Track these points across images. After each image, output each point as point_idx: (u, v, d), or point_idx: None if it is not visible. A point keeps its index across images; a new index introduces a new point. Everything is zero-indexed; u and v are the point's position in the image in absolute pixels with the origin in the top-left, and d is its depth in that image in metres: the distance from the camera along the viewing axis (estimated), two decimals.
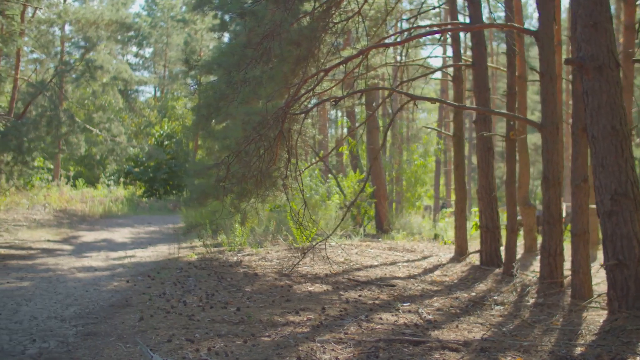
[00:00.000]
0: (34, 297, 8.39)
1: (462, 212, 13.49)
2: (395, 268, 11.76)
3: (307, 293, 8.96)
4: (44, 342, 6.08)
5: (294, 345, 6.09)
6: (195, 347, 5.97)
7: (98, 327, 6.80)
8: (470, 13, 12.10)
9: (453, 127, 13.62)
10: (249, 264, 11.55)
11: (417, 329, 7.00)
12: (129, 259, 12.63)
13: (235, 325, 6.89)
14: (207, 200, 10.59)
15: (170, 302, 8.17)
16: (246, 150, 10.06)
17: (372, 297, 8.80)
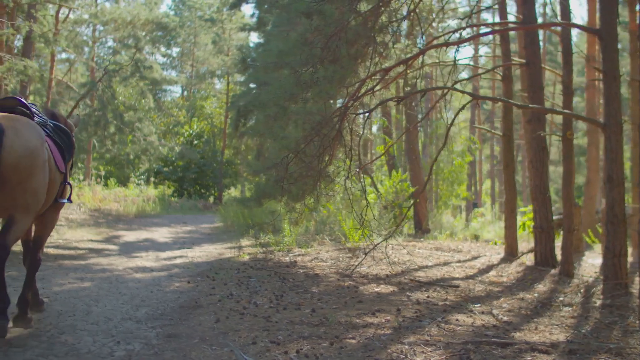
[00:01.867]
0: (100, 297, 8.33)
1: (512, 212, 13.40)
2: (450, 268, 11.68)
3: (375, 294, 8.88)
4: (128, 344, 6.02)
5: (381, 347, 6.02)
6: (283, 349, 5.90)
7: (176, 328, 6.74)
8: (523, 12, 12.00)
9: (502, 126, 13.54)
10: (305, 265, 11.50)
11: (497, 331, 6.92)
12: (180, 259, 12.61)
13: (315, 327, 6.82)
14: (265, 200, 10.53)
15: (240, 303, 8.11)
16: (304, 150, 10.02)
17: (440, 298, 8.72)
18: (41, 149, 6.01)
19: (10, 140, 5.62)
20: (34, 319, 6.64)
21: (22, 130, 5.88)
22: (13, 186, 5.75)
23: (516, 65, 13.15)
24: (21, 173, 5.74)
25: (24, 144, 5.77)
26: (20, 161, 5.69)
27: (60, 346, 5.82)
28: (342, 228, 14.28)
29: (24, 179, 5.79)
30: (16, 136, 5.73)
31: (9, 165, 5.61)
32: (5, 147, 5.55)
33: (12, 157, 5.62)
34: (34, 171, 5.89)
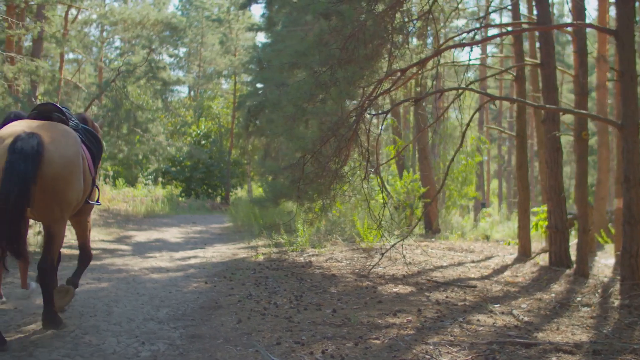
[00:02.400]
0: (119, 298, 8.35)
1: (526, 212, 13.39)
2: (464, 269, 11.67)
3: (394, 294, 8.88)
4: (153, 345, 6.04)
5: (406, 347, 6.02)
6: (308, 350, 5.91)
7: (199, 329, 6.76)
8: (538, 12, 11.97)
9: (516, 126, 13.51)
10: (320, 265, 11.50)
11: (519, 331, 6.91)
12: (194, 259, 12.64)
13: (338, 328, 6.82)
14: (281, 200, 10.55)
15: (260, 303, 8.12)
16: (320, 151, 10.02)
17: (459, 299, 8.71)
18: (78, 157, 6.24)
19: (49, 153, 5.80)
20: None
21: (60, 139, 6.08)
22: (51, 196, 5.93)
23: (530, 65, 13.12)
24: (60, 183, 5.95)
25: (63, 154, 5.98)
26: (59, 172, 5.91)
27: (85, 347, 5.84)
28: (357, 228, 14.27)
29: (62, 189, 6.01)
30: (54, 147, 5.91)
31: (49, 177, 5.80)
32: (44, 159, 5.72)
33: (52, 169, 5.81)
34: (72, 180, 6.12)
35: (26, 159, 5.60)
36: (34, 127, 6.06)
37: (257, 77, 34.40)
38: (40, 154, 5.70)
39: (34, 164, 5.63)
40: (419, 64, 9.79)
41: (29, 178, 5.59)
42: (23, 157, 5.59)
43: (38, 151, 5.69)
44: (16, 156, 5.59)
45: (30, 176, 5.60)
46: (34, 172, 5.62)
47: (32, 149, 5.66)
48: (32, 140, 5.73)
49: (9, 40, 20.24)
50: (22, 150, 5.62)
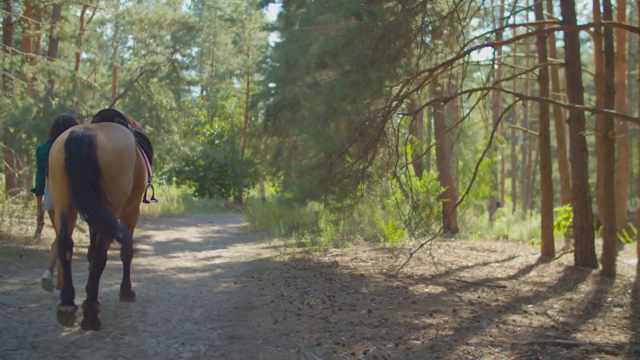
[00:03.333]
0: (151, 298, 8.35)
1: (549, 212, 13.36)
2: (490, 268, 11.64)
3: (426, 295, 8.86)
4: (193, 346, 6.02)
5: (447, 348, 6.01)
6: (349, 350, 5.89)
7: (237, 330, 6.74)
8: (563, 12, 11.96)
9: (539, 126, 13.49)
10: (347, 265, 11.49)
11: (557, 332, 6.89)
12: (218, 259, 12.65)
13: (376, 328, 6.80)
14: (308, 200, 10.55)
15: (293, 304, 8.11)
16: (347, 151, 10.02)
17: (491, 299, 8.69)
18: (131, 150, 6.69)
19: (102, 142, 6.28)
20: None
21: (114, 134, 6.61)
22: (106, 183, 6.29)
23: (555, 65, 13.09)
24: (113, 171, 6.36)
25: (115, 145, 6.45)
26: (112, 160, 6.34)
27: (126, 347, 5.83)
28: (381, 228, 14.25)
29: (114, 176, 6.40)
30: (108, 139, 6.41)
31: (103, 163, 6.22)
32: (98, 147, 6.20)
33: (105, 156, 6.24)
34: (124, 169, 6.55)
35: (81, 144, 6.09)
36: (89, 125, 6.65)
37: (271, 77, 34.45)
38: (93, 142, 6.17)
39: (90, 148, 6.11)
40: (447, 64, 9.77)
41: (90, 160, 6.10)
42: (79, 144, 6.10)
43: (91, 140, 6.17)
44: (73, 144, 6.11)
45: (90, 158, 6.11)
46: (92, 155, 6.11)
47: (87, 138, 6.17)
48: (86, 131, 6.25)
49: (26, 40, 20.32)
50: (78, 138, 6.14)
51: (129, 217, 8.05)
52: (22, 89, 17.30)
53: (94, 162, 6.15)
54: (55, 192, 6.40)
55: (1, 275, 9.66)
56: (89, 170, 6.09)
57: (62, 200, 6.35)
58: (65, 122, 7.98)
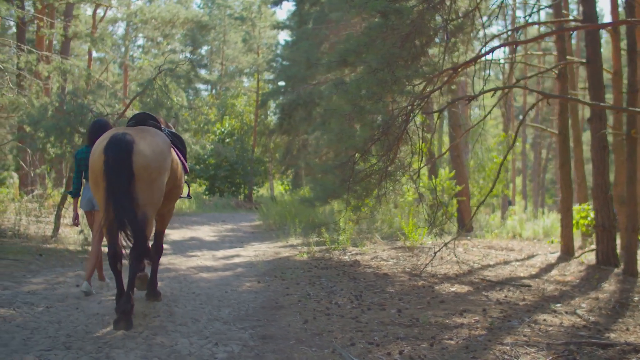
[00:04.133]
0: (177, 298, 8.33)
1: (568, 211, 13.30)
2: (512, 267, 11.61)
3: (453, 294, 8.82)
4: (226, 346, 5.99)
5: (483, 348, 5.96)
6: (384, 350, 5.85)
7: (268, 330, 6.71)
8: (584, 10, 11.89)
9: (558, 124, 13.43)
10: (368, 264, 11.47)
11: (589, 331, 6.85)
12: (237, 258, 12.64)
13: (408, 328, 6.76)
14: (330, 199, 10.52)
15: (321, 303, 8.08)
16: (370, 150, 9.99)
17: (518, 298, 8.65)
18: (167, 153, 7.05)
19: (139, 147, 6.59)
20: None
21: (150, 138, 6.92)
22: (145, 185, 6.63)
23: (576, 63, 13.03)
24: (150, 172, 6.67)
25: (153, 149, 6.78)
26: (149, 163, 6.65)
27: (159, 348, 5.80)
28: (401, 227, 14.22)
29: (154, 177, 6.74)
30: (145, 143, 6.74)
31: (141, 166, 6.54)
32: (135, 152, 6.50)
33: (142, 159, 6.57)
34: (162, 171, 6.89)
35: (120, 150, 6.42)
36: (127, 129, 6.90)
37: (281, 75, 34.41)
38: (131, 146, 6.48)
39: (127, 153, 6.44)
40: (471, 61, 9.73)
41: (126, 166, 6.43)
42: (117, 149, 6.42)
43: (129, 144, 6.48)
44: (112, 149, 6.43)
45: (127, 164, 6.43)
46: (127, 159, 6.43)
47: (125, 143, 6.47)
48: (124, 137, 6.53)
49: (39, 39, 20.30)
50: (117, 143, 6.46)
51: (163, 216, 8.33)
52: (38, 88, 17.26)
53: (131, 168, 6.45)
54: (100, 195, 6.70)
55: (24, 275, 9.64)
56: (125, 175, 6.41)
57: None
58: (102, 126, 8.42)
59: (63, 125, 12.64)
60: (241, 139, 40.29)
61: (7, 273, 9.64)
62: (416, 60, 9.52)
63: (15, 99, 15.45)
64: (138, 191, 6.58)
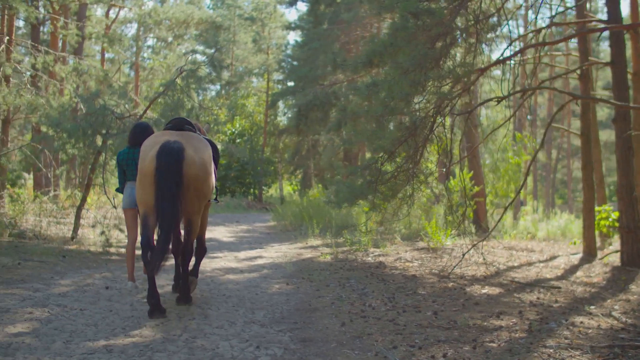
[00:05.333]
0: (208, 300, 8.31)
1: (590, 212, 13.26)
2: (536, 269, 11.57)
3: (485, 296, 8.78)
4: (268, 349, 5.96)
5: (526, 351, 5.92)
6: (428, 353, 5.82)
7: (306, 332, 6.68)
8: (608, 11, 11.84)
9: (581, 125, 13.39)
10: (393, 265, 11.44)
11: (629, 334, 6.80)
12: (260, 259, 12.64)
13: (447, 331, 6.72)
14: (356, 200, 10.51)
15: (355, 305, 8.06)
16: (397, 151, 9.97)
17: (550, 300, 8.60)
18: (211, 160, 7.59)
19: (189, 156, 7.08)
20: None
21: (197, 146, 7.36)
22: (192, 192, 7.18)
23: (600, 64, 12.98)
24: (199, 181, 7.23)
25: (200, 157, 7.27)
26: (198, 172, 7.19)
27: (201, 351, 5.78)
28: (424, 227, 14.20)
29: (200, 185, 7.30)
30: (194, 152, 7.20)
31: (191, 175, 7.08)
32: (186, 161, 7.01)
33: (193, 169, 7.11)
34: (207, 179, 7.45)
35: (172, 159, 6.90)
36: (175, 136, 7.33)
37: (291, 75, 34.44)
38: (182, 157, 6.97)
39: (178, 162, 6.92)
40: (500, 62, 9.70)
41: (176, 173, 6.90)
42: (169, 157, 6.91)
43: (180, 154, 6.96)
44: (164, 157, 6.90)
45: (177, 171, 6.90)
46: (178, 168, 6.91)
47: (177, 152, 6.95)
48: (175, 144, 7.01)
49: (53, 39, 20.32)
50: (169, 151, 6.93)
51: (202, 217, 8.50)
52: (54, 89, 17.27)
53: (181, 175, 6.95)
54: (143, 195, 7.21)
55: (52, 277, 9.64)
56: (175, 181, 6.91)
57: (147, 202, 7.14)
58: (143, 129, 9.08)
59: (85, 127, 12.63)
60: (251, 139, 40.31)
61: (35, 275, 9.64)
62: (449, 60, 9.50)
63: (34, 100, 15.46)
64: (186, 197, 7.07)
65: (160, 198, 6.88)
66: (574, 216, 25.11)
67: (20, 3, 14.84)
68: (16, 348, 5.62)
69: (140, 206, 7.33)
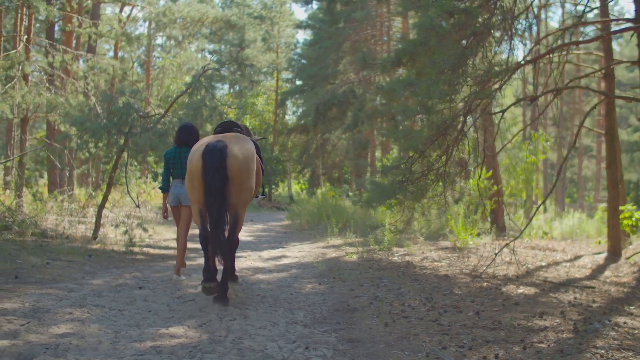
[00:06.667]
0: (244, 300, 8.26)
1: (615, 211, 13.20)
2: (564, 268, 11.51)
3: (523, 296, 8.72)
4: (317, 350, 5.93)
5: (578, 352, 5.87)
6: (479, 354, 5.78)
7: (351, 333, 6.64)
8: (636, 9, 11.79)
9: (605, 124, 13.33)
10: (422, 265, 11.40)
11: None
12: (285, 259, 12.65)
13: (494, 331, 6.68)
14: (386, 200, 10.48)
15: (393, 305, 8.01)
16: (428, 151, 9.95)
17: (588, 300, 8.53)
18: (254, 156, 8.07)
19: (232, 151, 7.67)
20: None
21: (241, 143, 7.96)
22: (237, 185, 7.71)
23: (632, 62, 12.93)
24: (242, 175, 7.76)
25: (244, 153, 7.82)
26: (242, 166, 7.73)
27: (251, 352, 5.75)
28: (449, 226, 14.17)
29: (245, 179, 7.82)
30: (238, 148, 7.79)
31: (234, 169, 7.63)
32: (229, 156, 7.61)
33: (236, 163, 7.66)
34: (251, 174, 7.94)
35: (216, 156, 7.51)
36: (220, 137, 8.00)
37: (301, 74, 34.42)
38: (225, 153, 7.57)
39: (222, 158, 7.53)
40: (533, 60, 9.66)
41: (220, 168, 7.49)
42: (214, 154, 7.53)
43: (224, 150, 7.58)
44: (209, 155, 7.54)
45: (221, 167, 7.50)
46: (222, 163, 7.51)
47: (220, 149, 7.58)
48: (219, 143, 7.66)
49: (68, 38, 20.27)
50: (213, 150, 7.56)
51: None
52: (73, 87, 17.25)
53: (225, 171, 7.52)
54: (194, 194, 7.87)
55: (82, 276, 9.61)
56: (220, 176, 7.49)
57: (199, 200, 7.76)
58: (188, 129, 9.85)
59: (110, 126, 12.60)
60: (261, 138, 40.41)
61: (66, 274, 9.62)
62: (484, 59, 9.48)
63: (53, 99, 15.43)
64: (231, 191, 7.63)
65: (208, 193, 7.51)
66: (585, 215, 25.04)
67: (40, 2, 14.80)
68: (65, 349, 5.58)
69: (194, 205, 7.99)
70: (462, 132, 9.88)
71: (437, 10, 8.74)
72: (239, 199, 7.85)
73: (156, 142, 12.53)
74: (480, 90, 9.31)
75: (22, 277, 8.87)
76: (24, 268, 9.56)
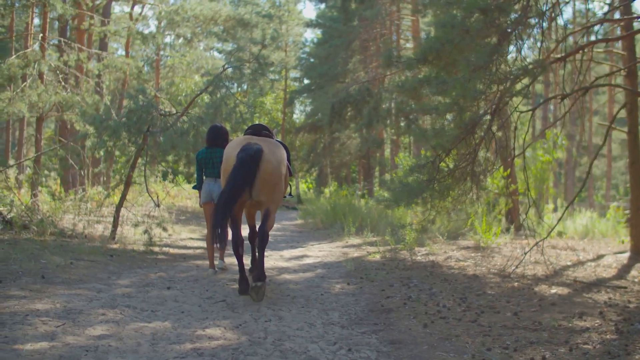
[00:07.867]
0: (275, 301, 8.20)
1: (638, 210, 13.08)
2: (590, 268, 11.40)
3: (557, 296, 8.62)
4: (360, 352, 5.85)
5: (626, 354, 5.78)
6: (525, 356, 5.69)
7: (391, 334, 6.56)
8: None
9: (628, 123, 13.20)
10: (448, 265, 11.32)
11: None
12: (307, 259, 12.60)
13: (536, 332, 6.58)
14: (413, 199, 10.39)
15: (428, 306, 7.93)
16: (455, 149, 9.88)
17: (622, 300, 8.41)
18: (284, 161, 8.53)
19: (266, 156, 8.05)
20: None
21: (273, 148, 8.38)
22: (270, 187, 8.14)
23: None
24: (274, 177, 8.17)
25: (276, 158, 8.25)
26: (274, 170, 8.14)
27: (294, 355, 5.68)
28: (475, 226, 14.10)
29: (277, 181, 8.23)
30: (271, 153, 8.19)
31: (268, 172, 8.05)
32: (263, 160, 7.97)
33: (269, 167, 8.07)
34: (282, 176, 8.38)
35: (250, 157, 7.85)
36: (254, 140, 8.35)
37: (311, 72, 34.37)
38: (260, 155, 7.92)
39: (256, 160, 7.88)
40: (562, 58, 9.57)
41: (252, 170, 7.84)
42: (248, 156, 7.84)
43: (258, 153, 7.93)
44: (244, 156, 7.84)
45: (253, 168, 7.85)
46: (255, 166, 7.87)
47: (255, 151, 7.91)
48: (255, 146, 8.00)
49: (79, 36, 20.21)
50: (249, 151, 7.88)
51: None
52: (88, 86, 17.19)
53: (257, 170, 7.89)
54: None
55: (108, 277, 9.53)
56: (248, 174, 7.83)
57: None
58: (218, 130, 10.46)
59: (130, 124, 12.53)
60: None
61: (91, 274, 9.53)
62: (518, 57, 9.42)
63: (70, 97, 15.37)
64: (264, 190, 8.09)
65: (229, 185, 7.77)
66: (597, 214, 24.89)
67: (57, 0, 14.73)
68: (105, 351, 5.50)
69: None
70: (489, 130, 9.78)
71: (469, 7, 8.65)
72: (272, 197, 8.26)
73: (177, 140, 12.46)
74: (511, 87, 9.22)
75: (49, 277, 8.77)
76: (49, 268, 9.46)
